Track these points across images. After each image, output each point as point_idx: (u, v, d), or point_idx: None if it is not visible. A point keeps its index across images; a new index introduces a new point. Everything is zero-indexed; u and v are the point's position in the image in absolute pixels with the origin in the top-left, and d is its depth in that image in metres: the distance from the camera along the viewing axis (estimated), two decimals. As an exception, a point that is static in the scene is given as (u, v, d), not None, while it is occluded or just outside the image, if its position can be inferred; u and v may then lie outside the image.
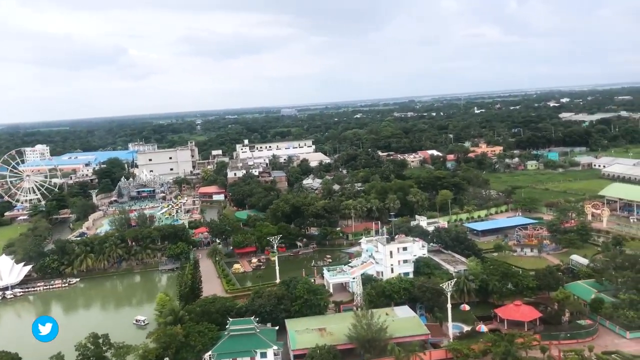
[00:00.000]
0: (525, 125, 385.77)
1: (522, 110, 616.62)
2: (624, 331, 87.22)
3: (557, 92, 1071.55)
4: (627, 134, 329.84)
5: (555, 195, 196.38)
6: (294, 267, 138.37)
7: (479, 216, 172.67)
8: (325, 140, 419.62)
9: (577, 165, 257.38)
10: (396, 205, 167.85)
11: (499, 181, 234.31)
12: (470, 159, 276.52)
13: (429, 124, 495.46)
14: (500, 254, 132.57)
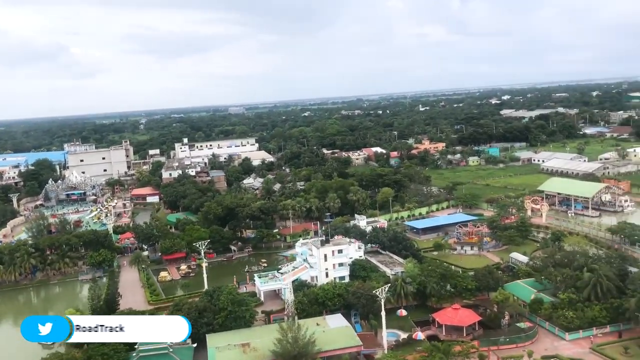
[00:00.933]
0: (468, 122, 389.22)
1: (465, 107, 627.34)
2: (563, 332, 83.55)
3: (499, 90, 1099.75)
4: (564, 129, 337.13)
5: (496, 190, 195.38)
6: (227, 273, 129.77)
7: (420, 213, 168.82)
8: (270, 139, 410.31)
9: (518, 160, 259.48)
10: (336, 204, 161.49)
11: (441, 177, 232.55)
12: (413, 156, 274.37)
13: (375, 121, 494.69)
14: (441, 252, 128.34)
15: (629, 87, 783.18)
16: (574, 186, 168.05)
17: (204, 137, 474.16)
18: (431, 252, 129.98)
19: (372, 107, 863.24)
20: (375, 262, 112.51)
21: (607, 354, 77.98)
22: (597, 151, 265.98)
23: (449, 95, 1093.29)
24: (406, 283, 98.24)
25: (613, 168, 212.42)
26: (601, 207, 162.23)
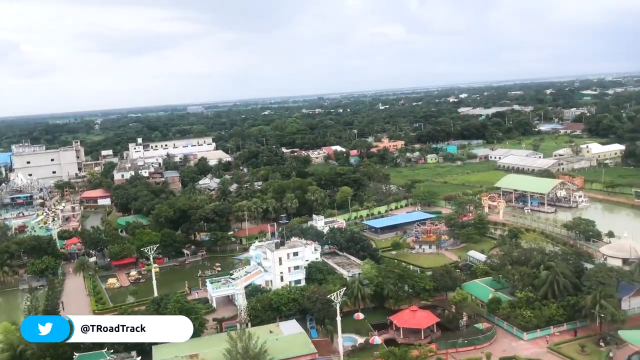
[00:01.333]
0: (426, 120, 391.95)
1: (423, 106, 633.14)
2: (521, 332, 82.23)
3: (457, 89, 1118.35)
4: (519, 126, 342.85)
5: (454, 188, 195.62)
6: (179, 279, 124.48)
7: (379, 212, 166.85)
8: (228, 138, 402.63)
9: (475, 157, 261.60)
10: (294, 204, 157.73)
11: (400, 175, 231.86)
12: (373, 154, 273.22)
13: (335, 120, 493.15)
14: (399, 251, 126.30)
15: (581, 85, 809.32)
16: (530, 182, 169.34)
17: (160, 137, 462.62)
18: (390, 251, 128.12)
19: (333, 105, 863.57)
20: (332, 264, 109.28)
21: (564, 352, 77.00)
22: (551, 147, 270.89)
23: (408, 94, 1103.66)
24: (363, 285, 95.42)
25: (567, 164, 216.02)
26: (556, 203, 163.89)
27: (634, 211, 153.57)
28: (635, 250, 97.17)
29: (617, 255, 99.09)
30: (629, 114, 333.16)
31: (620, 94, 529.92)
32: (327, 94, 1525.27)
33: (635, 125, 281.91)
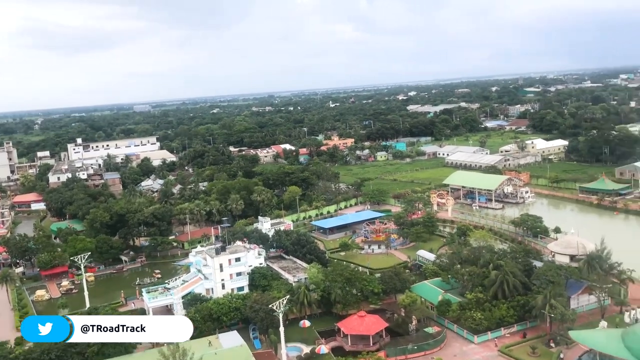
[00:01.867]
0: (376, 117, 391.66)
1: (373, 103, 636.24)
2: (471, 335, 79.61)
3: (406, 87, 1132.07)
4: (466, 123, 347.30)
5: (403, 185, 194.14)
6: (116, 288, 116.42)
7: (329, 212, 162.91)
8: (174, 137, 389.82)
9: (423, 154, 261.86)
10: (239, 206, 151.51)
11: (350, 174, 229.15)
12: (322, 152, 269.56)
13: (285, 118, 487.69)
14: (348, 252, 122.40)
15: (524, 82, 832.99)
16: (477, 179, 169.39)
17: (104, 137, 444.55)
18: (338, 252, 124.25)
19: (284, 103, 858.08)
20: (277, 269, 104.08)
21: (515, 355, 74.83)
22: (498, 144, 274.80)
23: (359, 92, 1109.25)
24: (310, 290, 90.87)
25: (513, 160, 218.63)
26: (504, 199, 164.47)
27: (579, 206, 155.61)
28: (582, 246, 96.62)
29: (565, 252, 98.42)
30: (570, 110, 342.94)
31: (562, 91, 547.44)
32: (278, 92, 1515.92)
33: (577, 121, 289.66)
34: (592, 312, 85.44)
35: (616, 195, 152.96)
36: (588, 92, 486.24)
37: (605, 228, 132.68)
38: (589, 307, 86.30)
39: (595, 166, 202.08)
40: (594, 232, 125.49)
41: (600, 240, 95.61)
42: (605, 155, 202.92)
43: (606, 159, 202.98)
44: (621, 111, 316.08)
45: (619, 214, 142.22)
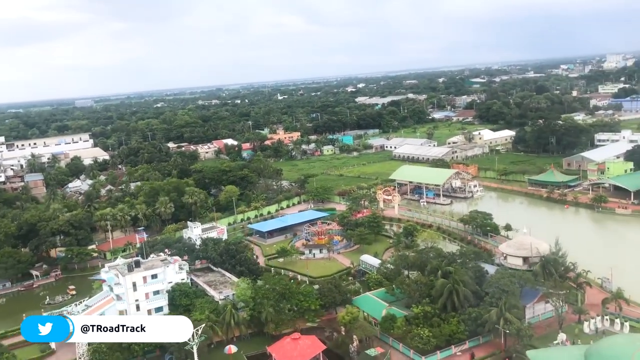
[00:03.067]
0: (323, 110, 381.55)
1: (322, 95, 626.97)
2: (419, 356, 70.37)
3: (355, 79, 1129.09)
4: (414, 115, 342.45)
5: (350, 181, 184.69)
6: (24, 308, 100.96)
7: (269, 212, 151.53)
8: (111, 133, 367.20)
9: (371, 147, 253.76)
10: (169, 209, 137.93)
11: (295, 169, 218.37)
12: (267, 147, 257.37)
13: (231, 111, 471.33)
14: (287, 259, 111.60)
15: (470, 73, 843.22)
16: (424, 173, 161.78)
17: (38, 134, 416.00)
18: (277, 258, 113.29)
19: (231, 96, 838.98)
20: (202, 284, 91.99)
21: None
22: (445, 135, 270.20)
23: (308, 84, 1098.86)
24: (237, 309, 79.56)
25: (461, 152, 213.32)
26: (452, 194, 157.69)
27: (528, 199, 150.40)
28: (536, 247, 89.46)
29: (517, 254, 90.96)
30: (516, 100, 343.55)
31: (506, 81, 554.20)
32: (226, 85, 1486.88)
33: (523, 111, 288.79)
34: (549, 322, 77.97)
35: (565, 187, 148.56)
36: (532, 82, 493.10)
37: (557, 223, 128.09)
38: (545, 316, 78.81)
39: (542, 156, 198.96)
40: (546, 229, 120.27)
41: (555, 240, 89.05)
42: (552, 145, 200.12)
43: (553, 149, 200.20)
44: (565, 100, 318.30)
45: (569, 207, 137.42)
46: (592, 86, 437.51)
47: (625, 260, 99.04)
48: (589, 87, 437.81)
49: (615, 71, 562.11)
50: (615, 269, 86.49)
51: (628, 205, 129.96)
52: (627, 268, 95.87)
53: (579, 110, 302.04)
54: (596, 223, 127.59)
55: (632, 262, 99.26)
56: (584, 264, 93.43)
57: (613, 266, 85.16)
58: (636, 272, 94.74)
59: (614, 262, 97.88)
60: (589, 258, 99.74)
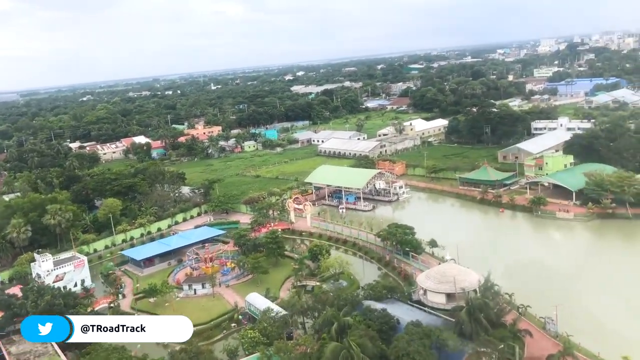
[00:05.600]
0: (252, 100, 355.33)
1: (258, 84, 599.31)
2: None
3: (297, 67, 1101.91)
4: (347, 104, 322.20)
5: (266, 183, 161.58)
6: None
7: (159, 229, 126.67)
8: (13, 132, 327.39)
9: (297, 142, 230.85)
10: (24, 234, 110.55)
11: (209, 171, 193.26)
12: (180, 145, 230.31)
13: (157, 103, 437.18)
14: (160, 297, 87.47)
15: (409, 59, 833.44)
16: (343, 175, 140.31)
17: None
18: (147, 298, 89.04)
19: (166, 87, 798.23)
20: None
21: None
22: (377, 126, 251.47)
23: (249, 73, 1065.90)
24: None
25: (390, 145, 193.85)
26: (376, 197, 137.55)
27: (460, 200, 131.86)
28: (462, 279, 69.59)
29: (439, 289, 70.72)
30: (452, 87, 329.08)
31: (444, 67, 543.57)
32: (165, 75, 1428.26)
33: (458, 98, 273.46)
34: (477, 393, 57.92)
35: (501, 186, 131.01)
36: (469, 67, 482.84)
37: (491, 232, 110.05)
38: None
39: (477, 148, 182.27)
40: (478, 242, 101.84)
41: (487, 271, 69.76)
42: (487, 135, 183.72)
43: (488, 139, 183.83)
44: (500, 85, 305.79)
45: (505, 211, 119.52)
46: (527, 70, 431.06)
47: (570, 285, 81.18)
48: (524, 71, 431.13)
49: (550, 55, 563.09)
50: (562, 305, 67.47)
51: (570, 207, 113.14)
52: (573, 292, 78.03)
53: (515, 96, 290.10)
54: (535, 231, 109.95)
55: (579, 285, 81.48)
56: (523, 293, 75.11)
57: (558, 304, 66.07)
58: (586, 298, 76.93)
59: (559, 287, 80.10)
60: (529, 283, 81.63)
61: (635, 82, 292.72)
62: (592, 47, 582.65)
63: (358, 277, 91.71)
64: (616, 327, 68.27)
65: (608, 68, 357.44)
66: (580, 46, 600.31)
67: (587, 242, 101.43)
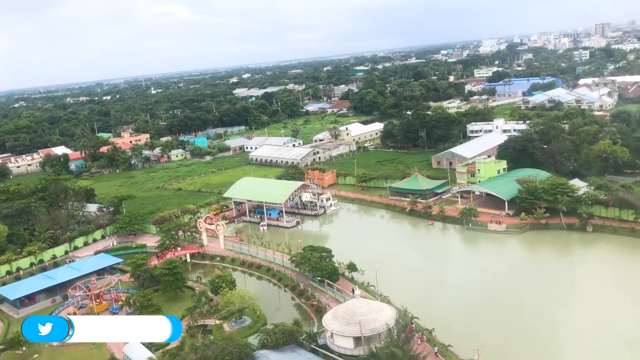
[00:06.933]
0: (187, 105, 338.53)
1: (200, 88, 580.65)
2: None
3: (246, 69, 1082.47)
4: (286, 108, 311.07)
5: (185, 198, 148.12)
6: None
7: (54, 256, 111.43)
8: None
9: (228, 149, 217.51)
10: None
11: (128, 184, 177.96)
12: (101, 155, 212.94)
13: (91, 109, 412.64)
14: (29, 349, 73.38)
15: (355, 61, 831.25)
16: (265, 188, 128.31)
17: None
18: (14, 350, 74.70)
19: (107, 92, 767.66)
20: None
21: None
22: (316, 130, 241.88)
23: (195, 76, 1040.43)
24: None
25: (324, 152, 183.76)
26: (301, 211, 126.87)
27: (390, 212, 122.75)
28: (373, 319, 59.46)
29: (346, 332, 60.33)
30: (393, 88, 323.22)
31: (388, 68, 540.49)
32: (110, 79, 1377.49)
33: (397, 100, 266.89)
34: None
35: (432, 195, 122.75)
36: (412, 68, 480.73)
37: (417, 252, 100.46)
38: None
39: (412, 153, 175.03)
40: (401, 261, 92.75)
41: (403, 307, 60.23)
42: (423, 139, 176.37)
43: (424, 144, 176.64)
44: (440, 87, 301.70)
45: (435, 223, 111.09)
46: (468, 71, 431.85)
47: (500, 313, 72.63)
48: (465, 71, 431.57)
49: (490, 55, 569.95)
50: (485, 346, 58.31)
51: (502, 218, 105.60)
52: (503, 324, 69.42)
53: (455, 97, 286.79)
54: (465, 247, 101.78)
55: (510, 314, 72.85)
56: (446, 325, 66.11)
57: (481, 347, 56.82)
58: (515, 331, 68.29)
59: (487, 316, 71.43)
60: (454, 313, 72.76)
61: (570, 81, 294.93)
62: (531, 47, 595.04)
63: (269, 310, 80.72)
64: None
65: (545, 67, 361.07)
66: (519, 46, 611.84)
67: (519, 259, 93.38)
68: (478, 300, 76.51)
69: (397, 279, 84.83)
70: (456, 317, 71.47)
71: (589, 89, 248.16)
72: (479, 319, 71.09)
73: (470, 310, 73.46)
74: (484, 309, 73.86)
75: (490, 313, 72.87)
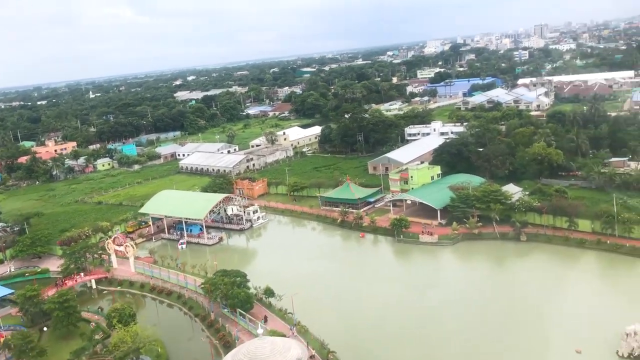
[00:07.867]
0: (121, 110, 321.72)
1: (141, 91, 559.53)
2: None
3: (192, 71, 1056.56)
4: (226, 111, 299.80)
5: (105, 213, 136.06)
6: None
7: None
8: None
9: (159, 157, 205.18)
10: None
11: (45, 198, 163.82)
12: (19, 167, 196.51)
13: (21, 115, 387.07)
14: None
15: (303, 62, 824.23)
16: (185, 202, 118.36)
17: None
18: None
19: (44, 96, 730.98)
20: None
21: None
22: (256, 134, 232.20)
23: (140, 79, 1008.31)
24: None
25: (259, 158, 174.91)
26: (226, 225, 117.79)
27: (321, 224, 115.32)
28: None
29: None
30: (336, 90, 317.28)
31: (334, 70, 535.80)
32: (50, 83, 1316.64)
33: (339, 102, 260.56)
34: None
35: (366, 204, 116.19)
36: (357, 69, 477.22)
37: (344, 268, 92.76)
38: None
39: (350, 158, 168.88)
40: (325, 282, 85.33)
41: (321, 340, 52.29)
42: (360, 144, 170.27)
43: (361, 148, 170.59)
44: (382, 88, 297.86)
45: (365, 235, 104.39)
46: (412, 72, 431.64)
47: (428, 345, 66.06)
48: (409, 72, 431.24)
49: (435, 56, 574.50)
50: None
51: (433, 228, 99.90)
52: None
53: (397, 98, 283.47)
54: (395, 261, 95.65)
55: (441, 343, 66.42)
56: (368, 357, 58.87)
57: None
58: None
59: (412, 348, 64.62)
60: (379, 341, 65.80)
61: (509, 81, 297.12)
62: (473, 47, 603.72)
63: (173, 346, 71.76)
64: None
65: (485, 68, 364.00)
66: (462, 47, 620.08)
67: (451, 273, 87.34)
68: (403, 324, 69.93)
69: (320, 303, 77.69)
70: (380, 347, 64.54)
71: (527, 89, 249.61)
72: (405, 345, 64.45)
73: (394, 337, 66.69)
74: (411, 334, 67.41)
75: (419, 338, 66.45)
